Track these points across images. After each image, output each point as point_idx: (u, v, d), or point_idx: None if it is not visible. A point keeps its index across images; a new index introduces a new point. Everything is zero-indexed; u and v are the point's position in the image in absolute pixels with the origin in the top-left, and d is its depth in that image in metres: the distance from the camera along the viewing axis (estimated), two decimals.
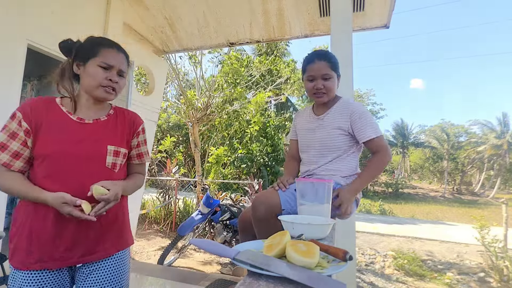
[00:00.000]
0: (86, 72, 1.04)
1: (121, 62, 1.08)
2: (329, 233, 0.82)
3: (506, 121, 27.57)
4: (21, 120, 0.99)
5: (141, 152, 1.22)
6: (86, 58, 1.05)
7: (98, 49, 1.05)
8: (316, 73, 1.28)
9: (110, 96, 1.08)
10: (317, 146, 1.35)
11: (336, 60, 1.32)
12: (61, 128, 1.02)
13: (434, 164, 30.59)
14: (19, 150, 0.99)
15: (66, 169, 0.99)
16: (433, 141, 30.07)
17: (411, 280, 4.51)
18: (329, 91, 1.30)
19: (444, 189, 27.53)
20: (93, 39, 1.11)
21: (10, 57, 2.77)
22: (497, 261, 4.49)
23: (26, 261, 0.98)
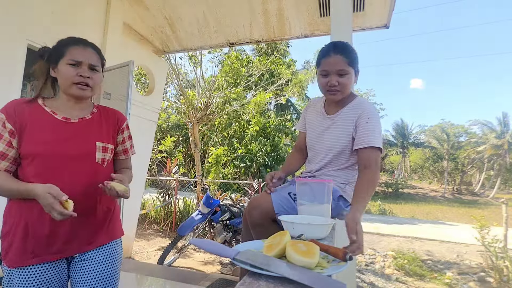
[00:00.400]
0: (59, 73, 1.08)
1: (89, 56, 1.10)
2: (329, 233, 0.82)
3: (506, 121, 27.58)
4: (5, 122, 1.01)
5: (126, 147, 1.27)
6: (57, 60, 1.08)
7: (65, 49, 1.09)
8: (330, 68, 1.16)
9: (85, 92, 1.10)
10: (324, 149, 1.26)
11: (355, 54, 1.19)
12: (48, 127, 1.05)
13: (434, 164, 30.59)
14: (4, 150, 1.00)
15: (56, 167, 1.01)
16: (433, 141, 30.07)
17: (411, 280, 4.51)
18: (343, 88, 1.17)
19: (444, 189, 27.53)
20: (61, 41, 1.14)
21: (10, 57, 2.77)
22: (497, 261, 4.49)
23: (22, 258, 0.99)
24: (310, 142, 1.34)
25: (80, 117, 1.12)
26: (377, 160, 1.11)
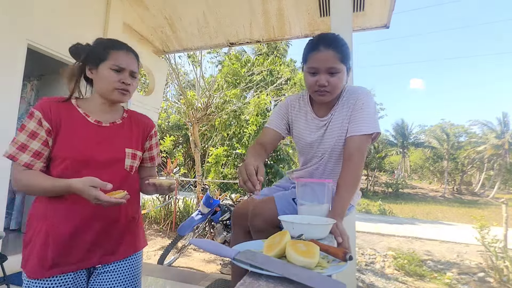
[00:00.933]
0: (99, 76, 1.03)
1: (131, 63, 1.07)
2: (329, 233, 0.82)
3: (506, 121, 27.59)
4: (41, 119, 0.96)
5: (153, 155, 1.23)
6: (97, 62, 1.03)
7: (108, 52, 1.03)
8: (320, 65, 1.00)
9: (124, 98, 1.08)
10: (321, 152, 1.15)
11: (347, 48, 1.04)
12: (81, 130, 1.01)
13: (434, 164, 30.60)
14: (40, 150, 0.95)
15: (86, 171, 0.97)
16: (433, 141, 30.09)
17: (411, 280, 4.51)
18: (334, 89, 1.03)
19: (444, 189, 27.54)
20: (102, 42, 1.08)
21: (10, 57, 2.77)
22: (497, 261, 4.49)
23: (42, 268, 0.94)
24: (304, 149, 1.20)
25: (111, 121, 1.09)
26: (361, 147, 1.01)
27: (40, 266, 0.94)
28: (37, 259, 0.94)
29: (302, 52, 1.10)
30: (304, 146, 1.19)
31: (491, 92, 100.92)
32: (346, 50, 1.03)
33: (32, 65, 3.58)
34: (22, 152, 0.93)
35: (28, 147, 0.94)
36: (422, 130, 32.98)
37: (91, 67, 1.05)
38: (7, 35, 2.74)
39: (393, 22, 3.57)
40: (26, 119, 0.96)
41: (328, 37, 1.04)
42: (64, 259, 0.96)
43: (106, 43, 1.07)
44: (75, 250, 0.98)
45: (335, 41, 1.03)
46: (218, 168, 11.11)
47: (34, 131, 0.95)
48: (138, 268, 1.14)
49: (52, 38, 3.14)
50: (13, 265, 2.70)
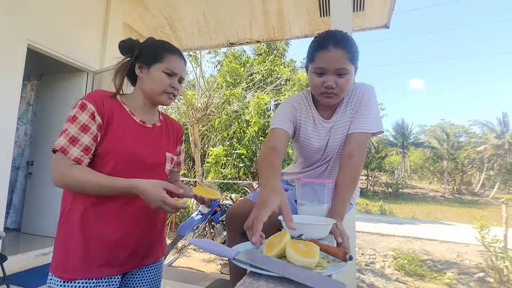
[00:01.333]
0: (150, 77, 1.00)
1: (183, 69, 1.05)
2: (329, 233, 0.82)
3: (506, 121, 27.61)
4: (95, 113, 0.90)
5: (180, 160, 1.21)
6: (151, 62, 1.00)
7: (164, 55, 1.01)
8: (328, 65, 0.93)
9: (170, 102, 1.06)
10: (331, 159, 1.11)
11: (356, 47, 0.97)
12: (129, 128, 0.98)
13: (434, 164, 30.61)
14: (90, 145, 0.90)
15: (131, 172, 0.93)
16: (433, 141, 30.11)
17: (411, 280, 4.51)
18: (341, 91, 0.96)
19: (444, 189, 27.55)
20: (158, 43, 1.06)
21: (10, 57, 2.77)
22: (497, 261, 4.49)
23: (82, 270, 0.88)
24: (308, 153, 1.14)
25: (152, 122, 1.06)
26: (362, 145, 0.98)
27: (82, 270, 0.88)
28: (78, 263, 0.88)
29: (307, 50, 1.02)
30: (311, 151, 1.12)
31: (491, 92, 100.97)
32: (356, 49, 0.97)
33: (32, 65, 3.58)
34: (72, 145, 0.87)
35: (79, 141, 0.87)
36: (422, 130, 33.05)
37: (142, 65, 1.01)
38: (7, 35, 2.74)
39: (393, 22, 3.57)
40: (77, 110, 0.89)
41: (337, 35, 0.95)
42: (108, 262, 0.92)
43: (162, 45, 1.04)
44: (121, 253, 0.94)
45: (345, 40, 0.95)
46: (218, 168, 11.11)
47: (86, 124, 0.89)
48: (161, 271, 1.14)
49: (52, 38, 3.15)
50: (13, 265, 2.70)
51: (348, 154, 0.98)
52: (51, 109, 3.86)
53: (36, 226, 3.62)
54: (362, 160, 0.98)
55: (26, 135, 4.13)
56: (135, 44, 1.03)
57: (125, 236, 0.94)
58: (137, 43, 1.04)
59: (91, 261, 0.89)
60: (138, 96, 1.04)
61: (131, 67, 1.03)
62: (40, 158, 3.80)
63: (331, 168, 1.16)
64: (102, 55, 3.70)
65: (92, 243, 0.90)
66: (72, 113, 0.89)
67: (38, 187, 3.73)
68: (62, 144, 0.86)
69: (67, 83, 3.76)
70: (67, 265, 0.88)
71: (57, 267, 0.89)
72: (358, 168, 0.96)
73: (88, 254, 0.89)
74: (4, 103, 2.70)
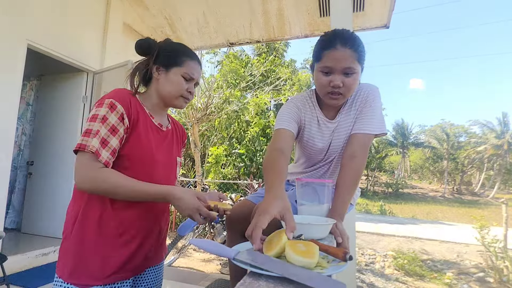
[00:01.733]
0: (168, 79, 0.99)
1: (199, 74, 1.06)
2: (329, 233, 0.82)
3: (506, 121, 27.62)
4: (124, 115, 0.87)
5: (180, 161, 1.21)
6: (169, 65, 0.99)
7: (184, 59, 1.00)
8: (336, 64, 0.91)
9: (184, 106, 1.05)
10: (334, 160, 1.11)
11: (363, 47, 0.96)
12: (149, 132, 0.96)
13: (434, 164, 30.62)
14: (117, 147, 0.86)
15: (148, 176, 0.91)
16: (433, 141, 30.11)
17: (411, 280, 4.51)
18: (348, 91, 0.95)
19: (444, 189, 27.55)
20: (177, 46, 1.04)
21: (10, 57, 2.77)
22: (497, 261, 4.49)
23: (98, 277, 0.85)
24: (311, 154, 1.13)
25: (166, 125, 1.06)
26: (365, 146, 0.97)
27: (100, 276, 0.85)
28: (97, 269, 0.85)
29: (314, 48, 1.02)
30: (314, 152, 1.12)
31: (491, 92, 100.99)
32: (363, 49, 0.96)
33: (32, 65, 3.58)
34: (102, 148, 0.83)
35: (108, 143, 0.84)
36: (422, 130, 33.05)
37: (160, 67, 1.00)
38: (7, 35, 2.74)
39: (393, 22, 3.57)
40: (107, 111, 0.85)
41: (345, 34, 0.95)
42: (125, 266, 0.90)
43: (182, 49, 1.03)
44: (138, 257, 0.93)
45: (353, 39, 0.94)
46: (218, 168, 11.11)
47: (115, 126, 0.85)
48: (163, 271, 1.14)
49: (52, 38, 3.15)
50: (13, 265, 2.71)
51: (350, 154, 0.97)
52: (51, 109, 3.86)
53: (36, 226, 3.62)
54: (364, 161, 0.97)
55: (26, 135, 4.13)
56: (153, 44, 1.02)
57: (142, 240, 0.94)
58: (155, 43, 1.03)
59: (109, 266, 0.86)
60: (152, 97, 1.02)
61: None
62: (40, 158, 3.81)
63: (333, 169, 1.15)
64: (102, 55, 3.70)
65: (110, 248, 0.87)
66: (100, 112, 0.85)
67: (38, 187, 3.73)
68: (97, 146, 0.81)
69: (67, 83, 3.76)
70: (83, 271, 0.84)
71: (72, 273, 0.84)
72: (360, 169, 0.95)
73: (107, 259, 0.86)
74: (4, 103, 2.70)
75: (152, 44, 1.02)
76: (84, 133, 0.83)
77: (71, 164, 3.58)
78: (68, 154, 3.62)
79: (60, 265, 0.87)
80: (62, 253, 0.88)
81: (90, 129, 0.83)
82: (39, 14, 3.00)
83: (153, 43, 1.02)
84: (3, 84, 2.71)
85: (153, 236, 0.99)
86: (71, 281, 0.83)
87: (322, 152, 1.11)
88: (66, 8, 3.26)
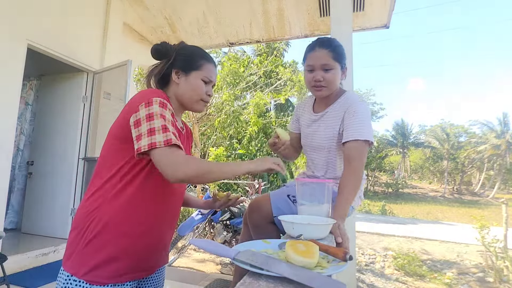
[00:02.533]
0: (188, 83, 1.00)
1: (216, 76, 1.08)
2: (329, 233, 0.82)
3: (506, 121, 27.62)
4: (174, 114, 0.91)
5: None
6: (189, 69, 1.00)
7: (202, 63, 1.02)
8: (315, 62, 1.13)
9: (204, 109, 1.07)
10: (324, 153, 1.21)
11: (341, 49, 1.16)
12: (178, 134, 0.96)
13: (434, 164, 30.63)
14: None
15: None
16: (433, 141, 30.11)
17: (411, 280, 4.51)
18: (329, 84, 1.13)
19: (444, 189, 27.57)
20: (195, 50, 1.05)
21: (10, 57, 2.77)
22: (497, 261, 4.49)
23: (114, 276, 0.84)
24: (304, 144, 1.29)
25: (183, 128, 1.08)
26: (361, 154, 1.06)
27: (116, 274, 0.84)
28: (115, 268, 0.84)
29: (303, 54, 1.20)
30: (303, 137, 1.29)
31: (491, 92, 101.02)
32: (339, 49, 1.15)
33: (32, 65, 3.58)
34: (176, 139, 0.84)
35: (176, 135, 0.85)
36: (422, 130, 33.02)
37: (179, 71, 1.01)
38: (7, 35, 2.74)
39: (393, 22, 3.58)
40: (161, 108, 0.86)
41: (323, 39, 1.17)
42: (139, 266, 0.89)
43: (199, 53, 1.04)
44: (153, 257, 0.94)
45: (329, 41, 1.16)
46: None
47: (172, 121, 0.88)
48: (165, 271, 1.14)
49: (52, 38, 3.15)
50: (13, 265, 2.71)
51: (347, 159, 1.07)
52: (51, 109, 3.86)
53: (36, 226, 3.62)
54: (361, 164, 1.05)
55: (26, 135, 4.13)
56: (170, 49, 1.02)
57: (159, 240, 0.95)
58: (173, 48, 1.03)
59: (127, 266, 0.86)
60: (172, 101, 1.01)
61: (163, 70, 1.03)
62: (40, 158, 3.81)
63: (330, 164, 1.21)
64: (102, 55, 3.70)
65: (128, 247, 0.86)
66: (155, 110, 0.84)
67: (38, 187, 3.73)
68: (174, 138, 0.82)
69: (67, 83, 3.76)
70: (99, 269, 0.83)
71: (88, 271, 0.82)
72: (358, 170, 1.03)
73: (126, 259, 0.85)
74: (4, 103, 2.70)
75: (169, 48, 1.02)
76: (149, 132, 0.81)
77: (71, 164, 3.58)
78: (68, 154, 3.62)
79: (72, 262, 0.85)
80: (74, 249, 0.86)
81: (153, 127, 0.82)
82: (39, 14, 3.01)
83: (170, 47, 1.03)
84: (3, 84, 2.71)
85: (167, 238, 1.00)
86: (86, 278, 0.82)
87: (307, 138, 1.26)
88: (66, 8, 3.26)
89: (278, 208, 1.10)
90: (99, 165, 0.92)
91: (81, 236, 0.85)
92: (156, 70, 1.03)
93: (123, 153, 0.87)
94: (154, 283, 1.04)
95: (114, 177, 0.87)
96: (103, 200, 0.86)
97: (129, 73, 3.15)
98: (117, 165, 0.87)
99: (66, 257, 0.87)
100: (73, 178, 3.55)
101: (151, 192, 0.89)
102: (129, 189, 0.86)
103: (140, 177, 0.88)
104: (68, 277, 0.83)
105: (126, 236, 0.86)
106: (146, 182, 0.88)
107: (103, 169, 0.90)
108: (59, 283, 0.85)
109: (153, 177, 0.89)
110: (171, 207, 0.98)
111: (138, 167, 0.88)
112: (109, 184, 0.87)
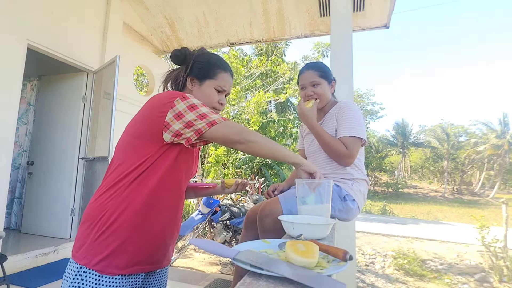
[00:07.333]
0: (202, 91, 1.01)
1: (230, 86, 1.07)
2: (329, 233, 0.82)
3: (506, 121, 27.60)
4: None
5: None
6: (203, 77, 1.01)
7: (217, 72, 1.02)
8: (305, 81, 1.36)
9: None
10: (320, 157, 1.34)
11: (326, 69, 1.39)
12: None
13: (434, 164, 30.63)
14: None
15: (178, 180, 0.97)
16: (433, 141, 30.10)
17: (411, 280, 4.51)
18: (320, 96, 1.35)
19: (444, 189, 27.56)
20: (212, 58, 1.06)
21: (10, 57, 2.77)
22: (497, 261, 4.49)
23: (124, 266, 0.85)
24: (307, 152, 1.45)
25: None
26: (353, 146, 1.20)
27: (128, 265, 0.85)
28: (128, 259, 0.85)
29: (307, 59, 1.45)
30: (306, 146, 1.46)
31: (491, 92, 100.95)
32: (324, 68, 1.38)
33: (32, 65, 3.59)
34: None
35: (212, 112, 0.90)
36: (422, 130, 33.01)
37: (194, 78, 1.02)
38: (7, 35, 2.74)
39: (393, 22, 3.58)
40: (199, 101, 0.90)
41: (310, 63, 1.42)
42: (149, 259, 0.91)
43: (216, 62, 1.05)
44: (163, 249, 0.95)
45: (315, 64, 1.40)
46: (219, 168, 11.12)
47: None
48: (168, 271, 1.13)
49: (52, 38, 3.15)
50: (13, 265, 2.71)
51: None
52: (51, 109, 3.86)
53: (36, 226, 3.62)
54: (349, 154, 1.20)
55: (26, 135, 4.13)
56: (189, 55, 1.03)
57: (169, 235, 0.96)
58: (191, 54, 1.04)
59: (137, 258, 0.87)
60: None
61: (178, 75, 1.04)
62: (40, 158, 3.80)
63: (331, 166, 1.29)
64: (102, 55, 3.70)
65: (142, 240, 0.87)
66: (197, 102, 0.88)
67: (38, 187, 3.73)
68: (219, 117, 0.87)
69: (67, 83, 3.76)
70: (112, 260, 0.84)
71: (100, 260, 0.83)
72: (338, 146, 1.21)
73: (136, 251, 0.87)
74: (4, 103, 2.70)
75: (188, 54, 1.03)
76: (201, 116, 0.85)
77: (71, 164, 3.58)
78: (68, 154, 3.62)
79: (82, 253, 0.85)
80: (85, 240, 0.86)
81: (203, 112, 0.86)
82: (39, 14, 3.01)
83: (189, 53, 1.04)
84: (3, 84, 2.71)
85: (175, 233, 1.01)
86: (96, 268, 0.83)
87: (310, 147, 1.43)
88: (66, 8, 3.26)
89: (290, 210, 1.11)
90: (114, 164, 0.93)
91: (93, 227, 0.86)
92: (173, 75, 1.05)
93: (143, 152, 0.89)
94: (158, 283, 1.04)
95: (130, 174, 0.88)
96: (117, 195, 0.87)
97: (117, 69, 3.14)
98: (135, 163, 0.89)
99: (75, 249, 0.87)
100: (73, 178, 3.55)
101: (165, 190, 0.92)
102: (144, 187, 0.88)
103: (157, 176, 0.90)
104: (78, 268, 0.84)
105: (138, 229, 0.87)
106: (161, 181, 0.90)
107: (119, 167, 0.90)
108: (68, 276, 0.85)
109: (168, 176, 0.92)
110: (179, 204, 1.00)
111: (155, 167, 0.90)
112: (125, 181, 0.88)
